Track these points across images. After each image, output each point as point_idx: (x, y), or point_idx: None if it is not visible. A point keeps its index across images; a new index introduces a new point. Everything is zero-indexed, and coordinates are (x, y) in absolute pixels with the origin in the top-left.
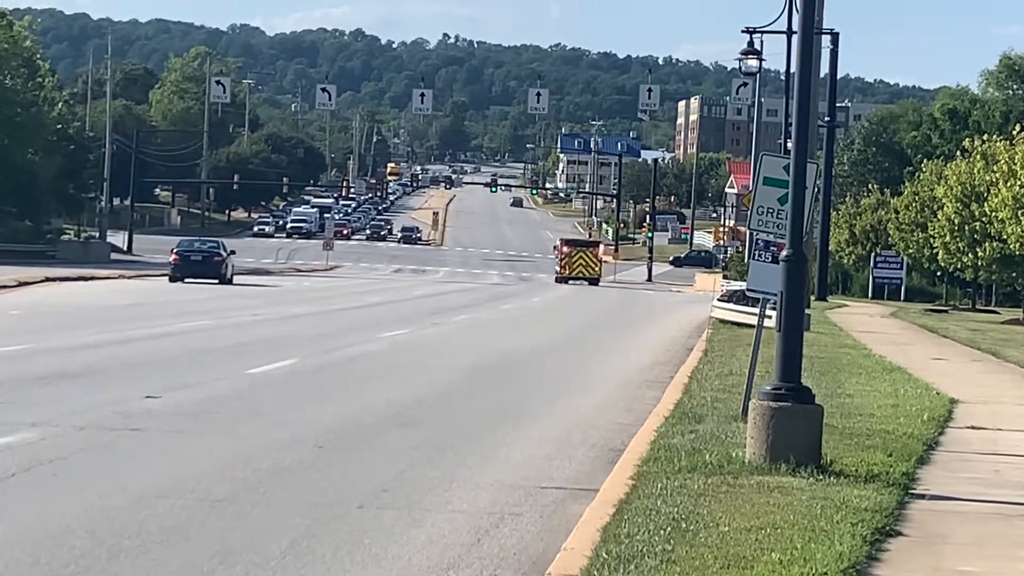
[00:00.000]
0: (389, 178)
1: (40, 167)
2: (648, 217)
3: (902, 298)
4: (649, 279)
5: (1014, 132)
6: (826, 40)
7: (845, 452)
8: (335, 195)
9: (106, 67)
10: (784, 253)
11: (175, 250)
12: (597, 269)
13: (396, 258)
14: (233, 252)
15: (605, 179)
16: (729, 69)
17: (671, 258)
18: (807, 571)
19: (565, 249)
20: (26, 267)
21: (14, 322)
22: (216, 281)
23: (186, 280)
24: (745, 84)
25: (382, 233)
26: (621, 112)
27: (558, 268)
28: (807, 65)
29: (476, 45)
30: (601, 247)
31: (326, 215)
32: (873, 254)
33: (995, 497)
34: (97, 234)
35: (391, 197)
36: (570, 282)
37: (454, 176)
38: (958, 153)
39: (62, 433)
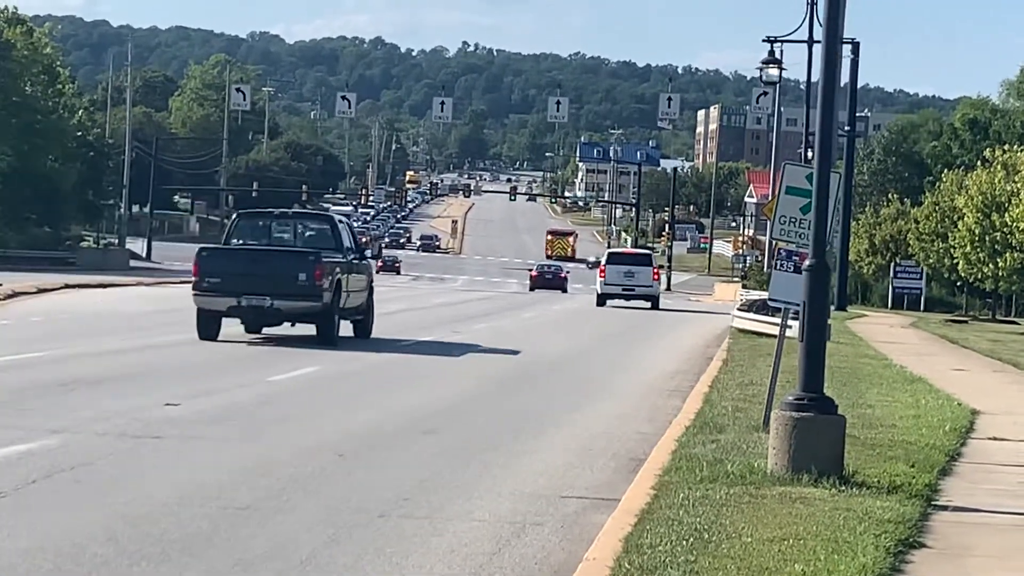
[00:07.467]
0: (408, 186)
1: (60, 174)
2: (667, 226)
3: (922, 308)
4: (668, 288)
5: None
6: (846, 49)
7: (867, 463)
8: (354, 203)
9: (126, 74)
10: (807, 263)
11: (532, 271)
12: (569, 251)
13: (415, 266)
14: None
15: (624, 188)
16: (749, 78)
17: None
18: None
19: (549, 237)
20: (46, 274)
21: (34, 329)
22: (560, 291)
23: (537, 290)
24: (765, 93)
25: (401, 241)
26: (640, 121)
27: (546, 249)
28: (831, 73)
29: (496, 53)
30: (573, 236)
31: None
32: (893, 264)
33: (1019, 509)
34: (116, 241)
35: (410, 205)
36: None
37: (473, 184)
38: (978, 163)
39: (84, 440)
